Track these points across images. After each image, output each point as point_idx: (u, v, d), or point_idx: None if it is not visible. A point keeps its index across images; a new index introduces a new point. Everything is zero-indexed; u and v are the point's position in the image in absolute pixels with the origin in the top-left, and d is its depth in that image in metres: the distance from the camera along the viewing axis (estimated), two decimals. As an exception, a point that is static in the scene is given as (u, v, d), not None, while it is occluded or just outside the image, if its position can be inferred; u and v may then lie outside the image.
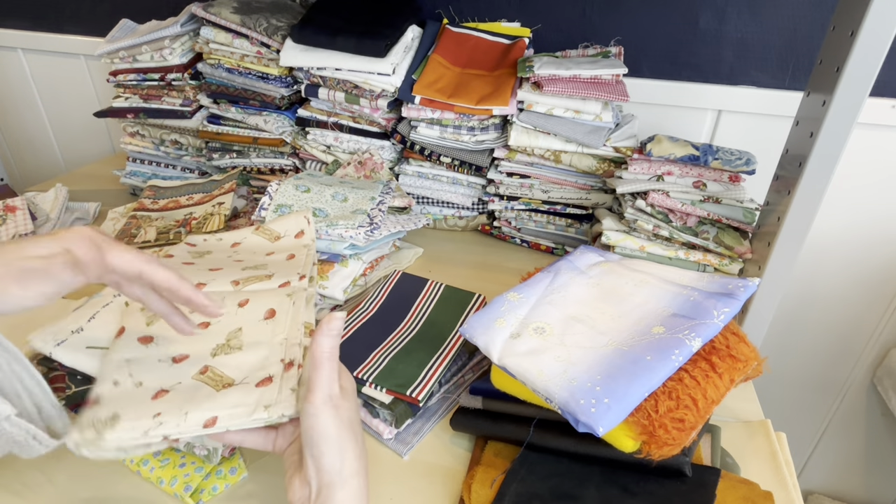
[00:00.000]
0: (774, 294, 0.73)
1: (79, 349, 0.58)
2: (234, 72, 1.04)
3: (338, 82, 0.98)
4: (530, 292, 0.66)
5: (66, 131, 1.60)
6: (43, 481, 0.57)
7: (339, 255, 0.83)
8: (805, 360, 1.30)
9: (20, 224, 0.93)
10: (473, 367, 0.71)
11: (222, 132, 1.08)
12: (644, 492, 0.52)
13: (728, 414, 0.66)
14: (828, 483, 1.46)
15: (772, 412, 0.69)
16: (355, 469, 0.46)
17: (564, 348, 0.56)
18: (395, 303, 0.79)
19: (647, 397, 0.50)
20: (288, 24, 1.01)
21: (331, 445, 0.45)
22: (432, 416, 0.66)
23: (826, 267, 1.18)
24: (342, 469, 0.45)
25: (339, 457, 0.46)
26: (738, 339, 0.57)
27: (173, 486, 0.56)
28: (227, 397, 0.51)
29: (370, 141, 1.04)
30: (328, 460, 0.45)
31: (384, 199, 0.88)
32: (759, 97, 1.05)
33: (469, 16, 1.10)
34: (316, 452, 0.45)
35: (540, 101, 0.91)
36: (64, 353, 0.58)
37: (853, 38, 0.57)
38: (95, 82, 1.47)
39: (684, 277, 0.67)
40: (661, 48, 1.06)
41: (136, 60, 1.08)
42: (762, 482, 0.54)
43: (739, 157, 0.79)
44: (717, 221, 0.80)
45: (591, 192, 0.96)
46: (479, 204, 1.04)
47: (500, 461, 0.58)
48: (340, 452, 0.46)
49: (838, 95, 0.60)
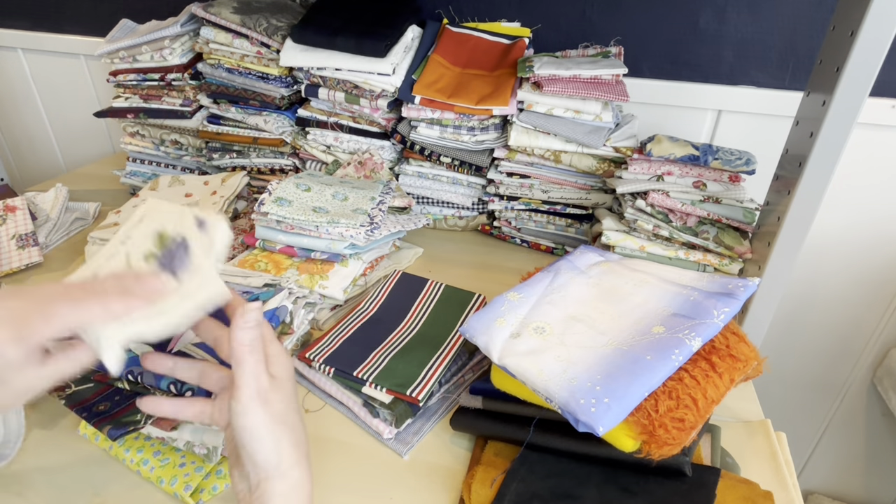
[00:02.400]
0: (774, 294, 0.73)
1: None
2: (234, 72, 1.04)
3: (338, 82, 0.98)
4: (530, 292, 0.66)
5: (66, 131, 1.60)
6: (43, 481, 0.57)
7: (339, 255, 0.83)
8: (805, 361, 1.30)
9: (20, 224, 0.93)
10: (473, 366, 0.71)
11: (222, 132, 1.08)
12: (644, 491, 0.52)
13: (728, 414, 0.66)
14: (828, 483, 1.46)
15: (772, 412, 0.69)
16: (294, 459, 0.45)
17: (564, 348, 0.56)
18: (395, 303, 0.79)
19: (647, 397, 0.50)
20: (288, 24, 1.01)
21: (264, 442, 0.44)
22: (432, 415, 0.66)
23: (826, 267, 1.18)
24: (279, 462, 0.44)
25: (275, 451, 0.44)
26: (738, 339, 0.57)
27: (173, 485, 0.56)
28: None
29: (370, 141, 1.04)
30: (263, 456, 0.44)
31: (384, 199, 0.88)
32: (759, 97, 1.05)
33: (469, 16, 1.10)
34: (250, 450, 0.44)
35: (540, 101, 0.91)
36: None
37: (853, 38, 0.57)
38: (95, 82, 1.47)
39: (684, 277, 0.67)
40: (661, 48, 1.06)
41: (136, 60, 1.08)
42: (762, 482, 0.54)
43: (739, 157, 0.79)
44: (717, 221, 0.80)
45: (591, 192, 0.96)
46: (479, 204, 1.04)
47: (500, 461, 0.58)
48: (276, 446, 0.44)
49: (838, 95, 0.60)
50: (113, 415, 0.57)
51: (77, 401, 0.58)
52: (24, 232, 0.92)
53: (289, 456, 0.45)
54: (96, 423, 0.56)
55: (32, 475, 0.58)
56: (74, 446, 0.61)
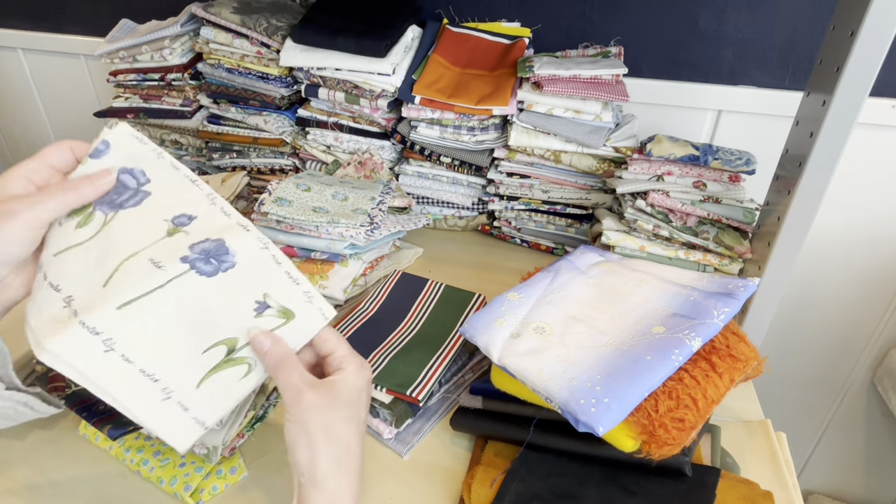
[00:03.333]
0: (774, 294, 0.73)
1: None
2: (234, 72, 1.03)
3: (338, 82, 0.98)
4: (530, 292, 0.66)
5: (66, 131, 1.59)
6: (43, 481, 0.57)
7: (339, 255, 0.83)
8: (805, 360, 1.30)
9: (20, 224, 0.93)
10: (473, 367, 0.71)
11: (222, 132, 1.08)
12: (644, 492, 0.52)
13: (728, 414, 0.66)
14: (828, 483, 1.46)
15: (772, 412, 0.69)
16: (331, 472, 0.45)
17: (564, 348, 0.56)
18: (395, 303, 0.79)
19: (647, 397, 0.50)
20: (288, 24, 1.01)
21: (298, 449, 0.45)
22: (432, 416, 0.66)
23: (826, 267, 1.18)
24: (314, 470, 0.44)
25: (309, 460, 0.44)
26: (738, 339, 0.57)
27: (173, 485, 0.56)
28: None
29: (370, 141, 1.04)
30: (295, 460, 0.45)
31: (384, 199, 0.88)
32: (759, 97, 1.05)
33: (469, 16, 1.10)
34: (288, 450, 0.45)
35: (540, 101, 0.91)
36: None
37: (853, 38, 0.57)
38: (95, 82, 1.46)
39: (684, 277, 0.67)
40: (661, 48, 1.06)
41: (136, 60, 1.08)
42: (762, 482, 0.54)
43: (739, 157, 0.79)
44: (717, 221, 0.80)
45: (591, 192, 0.96)
46: (479, 204, 1.04)
47: (500, 461, 0.58)
48: (310, 455, 0.44)
49: (838, 95, 0.60)
50: (113, 414, 0.57)
51: (77, 401, 0.58)
52: (24, 232, 0.92)
53: (326, 468, 0.44)
54: (96, 423, 0.56)
55: (32, 475, 0.58)
56: (74, 446, 0.61)
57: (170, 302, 0.46)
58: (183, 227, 0.50)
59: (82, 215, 0.49)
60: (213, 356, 0.47)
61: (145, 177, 0.51)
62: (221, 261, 0.48)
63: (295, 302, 0.50)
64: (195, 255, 0.48)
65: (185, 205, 0.51)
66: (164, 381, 0.45)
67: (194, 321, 0.47)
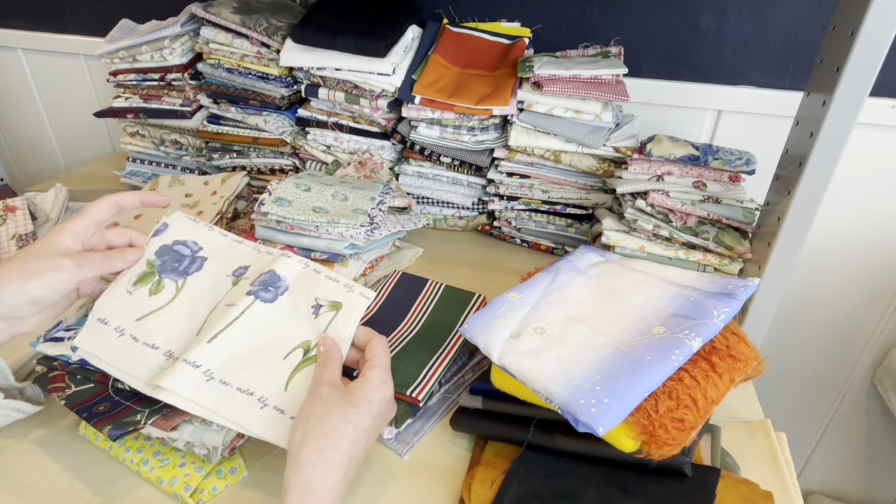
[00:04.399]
0: (774, 294, 0.73)
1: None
2: (234, 72, 1.03)
3: (338, 82, 0.98)
4: (530, 292, 0.66)
5: (66, 131, 1.60)
6: (43, 481, 0.57)
7: (339, 255, 0.83)
8: (805, 360, 1.30)
9: (20, 224, 0.93)
10: (473, 367, 0.71)
11: (222, 132, 1.08)
12: (644, 492, 0.52)
13: (728, 414, 0.66)
14: (828, 483, 1.46)
15: (772, 412, 0.69)
16: (312, 460, 0.47)
17: (564, 348, 0.56)
18: (395, 303, 0.79)
19: (647, 397, 0.50)
20: (288, 24, 1.01)
21: (295, 427, 0.49)
22: (432, 416, 0.66)
23: (826, 267, 1.18)
24: (298, 452, 0.47)
25: (300, 439, 0.48)
26: (738, 339, 0.57)
27: (173, 486, 0.56)
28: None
29: (370, 141, 1.04)
30: (291, 439, 0.49)
31: (384, 199, 0.88)
32: (759, 97, 1.05)
33: (469, 16, 1.10)
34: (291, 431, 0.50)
35: (540, 101, 0.91)
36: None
37: (853, 38, 0.57)
38: (95, 82, 1.47)
39: (684, 277, 0.67)
40: (661, 48, 1.06)
41: (136, 60, 1.08)
42: (762, 482, 0.54)
43: (739, 157, 0.79)
44: (717, 221, 0.80)
45: (591, 192, 0.96)
46: (479, 204, 1.04)
47: (500, 461, 0.58)
48: (302, 437, 0.48)
49: (838, 95, 0.60)
50: (113, 415, 0.57)
51: (77, 401, 0.58)
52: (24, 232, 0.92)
53: (309, 455, 0.47)
54: (96, 423, 0.56)
55: (32, 475, 0.58)
56: (74, 446, 0.61)
57: (246, 327, 0.58)
58: (242, 276, 0.63)
59: (150, 283, 0.61)
60: (293, 359, 0.57)
61: (197, 245, 0.65)
62: (277, 286, 0.61)
63: (339, 294, 0.61)
64: (256, 287, 0.61)
65: (239, 260, 0.65)
66: (258, 392, 0.55)
67: (270, 338, 0.58)
